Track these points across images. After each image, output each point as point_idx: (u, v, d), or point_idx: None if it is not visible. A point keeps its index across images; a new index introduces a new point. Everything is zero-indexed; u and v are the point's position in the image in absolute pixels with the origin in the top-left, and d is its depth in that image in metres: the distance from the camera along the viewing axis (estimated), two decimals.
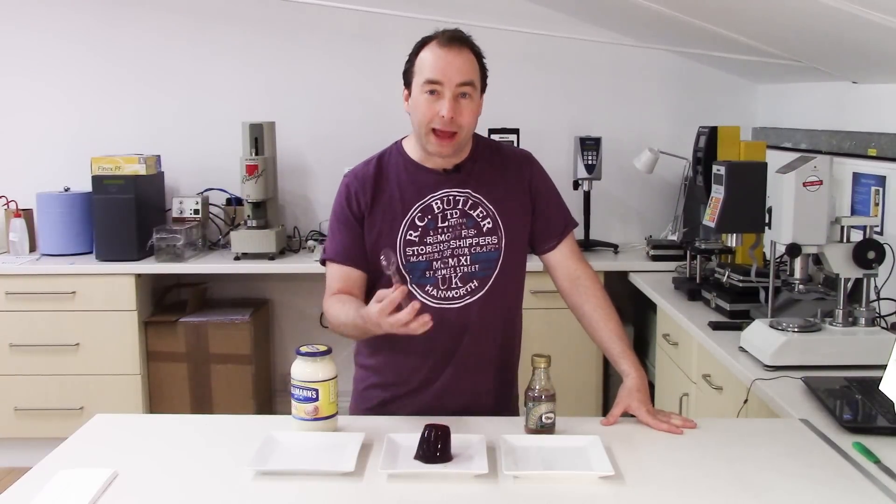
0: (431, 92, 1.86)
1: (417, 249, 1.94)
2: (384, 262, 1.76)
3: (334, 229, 2.01)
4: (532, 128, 4.04)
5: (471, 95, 1.88)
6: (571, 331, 3.73)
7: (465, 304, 1.96)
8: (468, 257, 1.95)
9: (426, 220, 1.95)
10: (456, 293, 1.95)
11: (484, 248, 1.96)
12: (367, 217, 1.96)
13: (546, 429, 1.76)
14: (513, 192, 2.00)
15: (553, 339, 3.58)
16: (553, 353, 1.81)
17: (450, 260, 1.94)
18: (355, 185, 1.98)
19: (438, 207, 1.95)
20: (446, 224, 1.95)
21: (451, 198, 1.96)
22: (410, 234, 1.94)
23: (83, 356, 3.77)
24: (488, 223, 1.97)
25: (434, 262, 1.94)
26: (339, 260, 1.98)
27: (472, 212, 1.96)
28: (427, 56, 1.87)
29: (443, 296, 1.95)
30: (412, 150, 2.00)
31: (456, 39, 1.87)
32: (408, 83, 1.93)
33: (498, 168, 2.01)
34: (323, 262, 2.03)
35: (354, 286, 1.97)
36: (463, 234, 1.95)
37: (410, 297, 1.83)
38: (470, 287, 1.96)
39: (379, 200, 1.96)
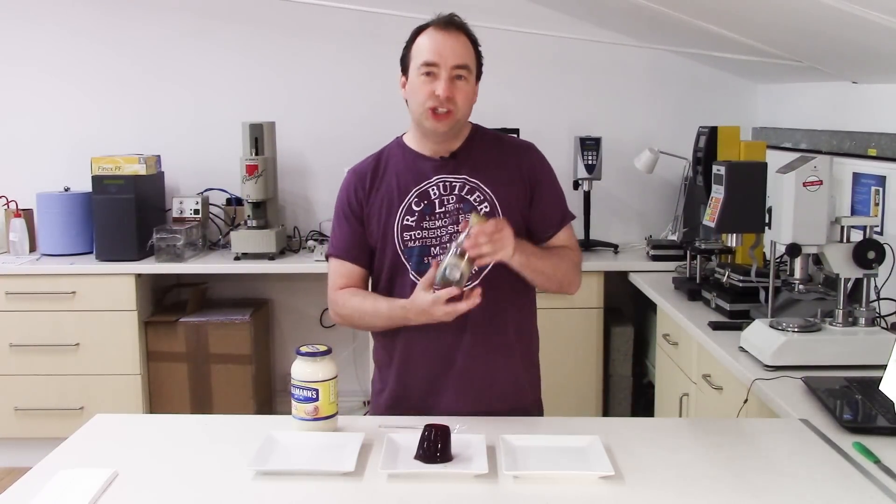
0: (428, 73, 1.90)
1: (414, 234, 1.96)
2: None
3: (336, 225, 2.05)
4: (532, 128, 4.03)
5: (466, 78, 1.92)
6: (571, 331, 3.77)
7: (467, 288, 1.92)
8: None
9: (423, 205, 1.97)
10: None
11: None
12: (367, 208, 1.99)
13: (448, 283, 1.75)
14: (511, 178, 2.00)
15: (553, 339, 3.57)
16: (553, 353, 1.82)
17: (449, 245, 1.94)
18: (354, 180, 2.03)
19: (435, 193, 1.97)
20: (443, 210, 1.96)
21: (447, 184, 1.98)
22: (407, 220, 1.97)
23: (83, 356, 3.77)
24: (486, 207, 1.97)
25: (432, 248, 1.95)
26: (342, 256, 2.03)
27: (469, 196, 1.97)
28: (423, 40, 1.92)
29: None
30: (410, 140, 2.04)
31: (452, 24, 1.92)
32: (405, 69, 1.97)
33: (496, 155, 2.03)
34: (326, 257, 2.08)
35: (357, 282, 2.03)
36: (460, 219, 1.95)
37: (412, 287, 1.87)
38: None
39: (377, 190, 1.99)
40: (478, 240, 1.75)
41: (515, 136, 3.81)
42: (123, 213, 3.79)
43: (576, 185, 4.01)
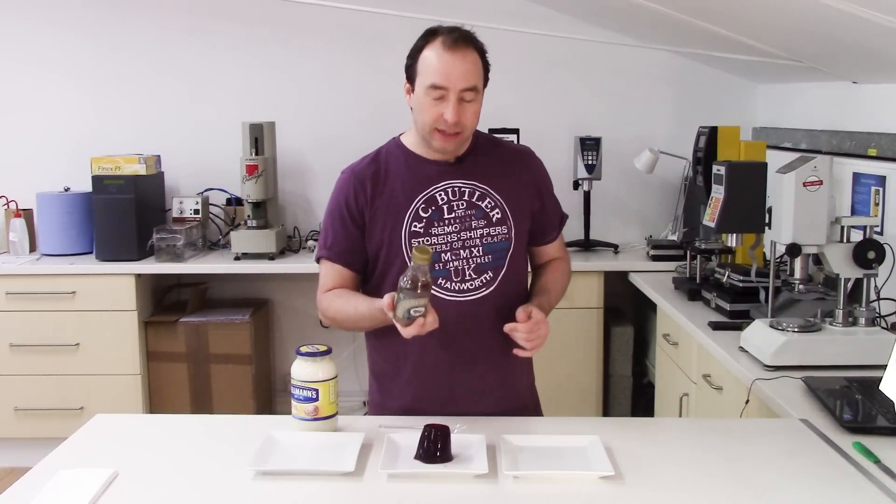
0: (435, 95, 1.85)
1: (423, 241, 1.93)
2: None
3: (329, 227, 2.00)
4: (532, 128, 4.04)
5: (474, 98, 1.88)
6: (571, 331, 3.76)
7: (481, 295, 1.94)
8: (480, 248, 1.95)
9: (430, 210, 1.94)
10: (471, 285, 1.94)
11: (495, 239, 1.96)
12: (370, 214, 1.95)
13: (413, 319, 1.73)
14: (518, 185, 2.01)
15: (553, 339, 3.57)
16: (553, 354, 1.82)
17: (461, 252, 1.93)
18: (354, 182, 1.97)
19: (443, 199, 1.95)
20: (453, 215, 1.94)
21: (456, 189, 1.96)
22: (415, 226, 1.94)
23: (83, 356, 3.77)
24: (497, 213, 1.97)
25: (443, 255, 1.93)
26: (334, 259, 1.99)
27: (480, 202, 1.96)
28: (431, 57, 1.85)
29: (457, 288, 1.93)
30: (412, 143, 1.99)
31: (461, 41, 1.85)
32: (410, 78, 1.91)
33: (501, 161, 2.02)
34: (317, 260, 2.04)
35: (348, 285, 1.99)
36: (472, 224, 1.95)
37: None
38: (485, 279, 1.95)
39: (381, 195, 1.95)
40: (534, 344, 1.88)
41: (511, 140, 3.85)
42: (123, 213, 3.79)
43: (576, 185, 4.01)
